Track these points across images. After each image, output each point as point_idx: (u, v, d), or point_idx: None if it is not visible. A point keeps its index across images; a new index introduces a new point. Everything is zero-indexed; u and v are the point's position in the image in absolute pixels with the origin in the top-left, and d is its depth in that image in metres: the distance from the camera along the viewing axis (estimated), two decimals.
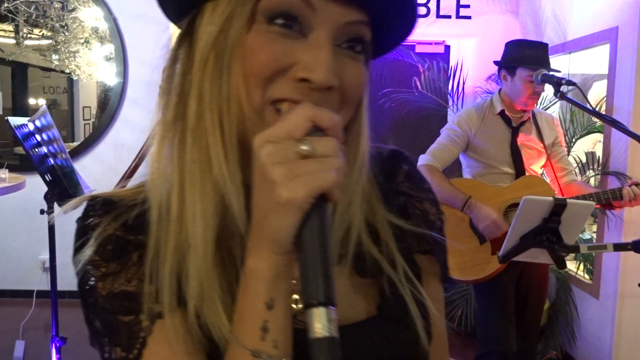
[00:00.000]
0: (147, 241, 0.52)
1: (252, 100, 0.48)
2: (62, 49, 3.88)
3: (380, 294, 0.57)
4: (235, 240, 0.52)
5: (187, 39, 0.53)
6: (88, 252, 0.53)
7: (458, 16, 3.84)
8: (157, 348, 0.50)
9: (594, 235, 3.17)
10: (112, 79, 3.93)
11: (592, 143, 3.48)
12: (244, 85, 0.48)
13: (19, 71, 4.04)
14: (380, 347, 0.54)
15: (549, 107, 3.35)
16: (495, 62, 2.43)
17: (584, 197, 2.17)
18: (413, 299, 0.56)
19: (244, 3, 0.48)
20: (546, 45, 2.36)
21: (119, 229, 0.54)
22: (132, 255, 0.53)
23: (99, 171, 3.90)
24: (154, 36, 3.83)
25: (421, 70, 3.69)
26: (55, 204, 2.43)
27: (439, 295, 0.65)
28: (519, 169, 2.35)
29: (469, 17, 3.84)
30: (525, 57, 2.27)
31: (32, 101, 4.08)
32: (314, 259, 0.42)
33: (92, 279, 0.53)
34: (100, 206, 0.56)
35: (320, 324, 0.39)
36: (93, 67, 3.92)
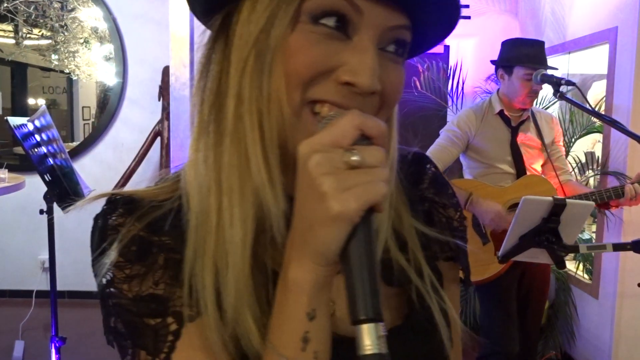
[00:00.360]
0: (173, 243, 0.51)
1: (292, 101, 0.47)
2: (62, 49, 3.88)
3: (407, 304, 0.56)
4: (266, 248, 0.51)
5: (221, 37, 0.51)
6: (111, 252, 0.51)
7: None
8: (187, 352, 0.49)
9: (594, 235, 3.17)
10: (111, 79, 3.92)
11: (591, 143, 3.48)
12: (285, 86, 0.47)
13: (19, 71, 4.03)
14: (406, 357, 0.53)
15: (548, 107, 3.35)
16: (492, 62, 2.43)
17: (585, 196, 2.17)
18: (438, 308, 0.55)
19: (288, 2, 0.46)
20: (542, 42, 2.36)
21: (143, 229, 0.52)
22: (158, 257, 0.51)
23: (99, 171, 3.90)
24: (153, 36, 3.84)
25: (420, 70, 3.69)
26: (55, 204, 2.42)
27: (456, 299, 0.65)
28: (520, 169, 2.35)
29: (469, 17, 3.84)
30: (521, 56, 2.27)
31: (31, 101, 4.08)
32: (361, 273, 0.41)
33: (116, 280, 0.51)
34: (122, 205, 0.53)
35: (370, 340, 0.39)
36: (92, 67, 3.92)
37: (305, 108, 0.47)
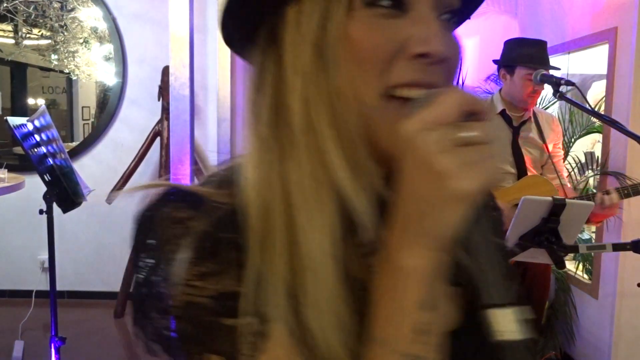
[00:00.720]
0: (244, 243, 0.47)
1: (371, 91, 0.45)
2: (61, 49, 3.88)
3: (464, 305, 0.54)
4: (349, 248, 0.48)
5: (270, 52, 0.49)
6: (178, 247, 0.47)
7: None
8: (275, 353, 0.45)
9: (593, 235, 3.17)
10: (111, 79, 3.92)
11: (591, 143, 3.48)
12: (359, 78, 0.45)
13: (18, 71, 4.03)
14: (473, 357, 0.52)
15: (548, 107, 3.35)
16: (495, 61, 2.43)
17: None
18: None
19: None
20: (545, 42, 2.36)
21: (212, 225, 0.47)
22: (230, 254, 0.47)
23: (98, 171, 3.90)
24: (153, 36, 3.84)
25: None
26: (55, 204, 2.42)
27: None
28: (521, 169, 2.35)
29: (468, 17, 3.83)
30: (523, 56, 2.27)
31: (31, 101, 4.07)
32: (489, 256, 0.39)
33: (188, 277, 0.46)
34: (187, 198, 0.50)
35: (510, 325, 0.37)
36: (92, 67, 3.92)
37: (386, 95, 0.46)
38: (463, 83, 3.66)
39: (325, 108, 0.46)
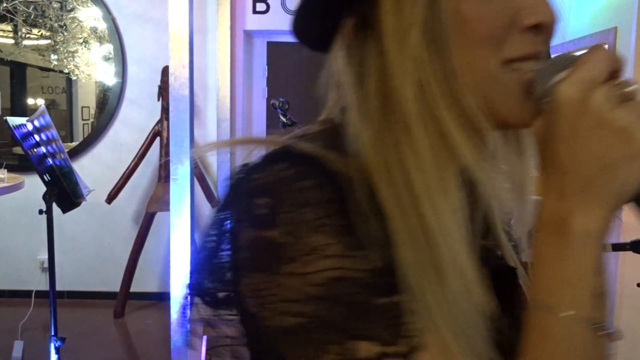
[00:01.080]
0: (376, 220, 0.43)
1: (487, 66, 0.45)
2: (61, 49, 3.88)
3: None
4: (476, 223, 0.47)
5: (367, 37, 0.48)
6: (319, 216, 0.41)
7: None
8: (436, 335, 0.41)
9: None
10: (110, 79, 3.92)
11: None
12: (474, 55, 0.44)
13: (18, 71, 4.03)
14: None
15: None
16: None
17: None
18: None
19: None
20: None
21: (346, 196, 0.43)
22: (368, 227, 0.42)
23: (98, 171, 3.90)
24: (152, 36, 3.84)
25: None
26: (55, 204, 2.42)
27: None
28: None
29: None
30: None
31: (30, 101, 4.07)
32: None
33: (337, 251, 0.41)
34: (313, 163, 0.44)
35: None
36: (92, 67, 3.92)
37: (502, 68, 0.45)
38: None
39: (441, 90, 0.44)
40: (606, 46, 2.78)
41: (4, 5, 3.78)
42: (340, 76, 0.50)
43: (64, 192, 2.43)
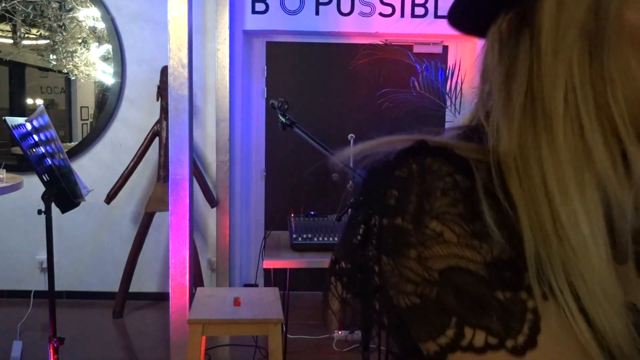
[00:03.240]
0: (507, 209, 0.44)
1: None
2: (60, 49, 3.88)
3: None
4: (621, 235, 0.46)
5: (522, 35, 0.47)
6: (447, 201, 0.43)
7: None
8: (551, 336, 0.41)
9: None
10: (109, 79, 3.92)
11: None
12: (635, 63, 0.43)
13: (17, 71, 4.03)
14: None
15: None
16: None
17: None
18: None
19: None
20: None
21: (477, 183, 0.44)
22: (496, 217, 0.43)
23: (97, 171, 3.90)
24: (151, 36, 3.84)
25: (419, 71, 3.69)
26: (54, 205, 2.42)
27: None
28: None
29: None
30: None
31: (29, 101, 4.07)
32: None
33: (459, 239, 0.42)
34: (445, 151, 0.46)
35: None
36: (91, 67, 3.92)
37: None
38: (462, 84, 3.66)
39: (590, 95, 0.44)
40: None
41: (3, 5, 3.78)
42: (490, 69, 0.50)
43: (63, 192, 2.43)
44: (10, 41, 3.90)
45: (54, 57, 3.90)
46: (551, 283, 0.42)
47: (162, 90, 3.56)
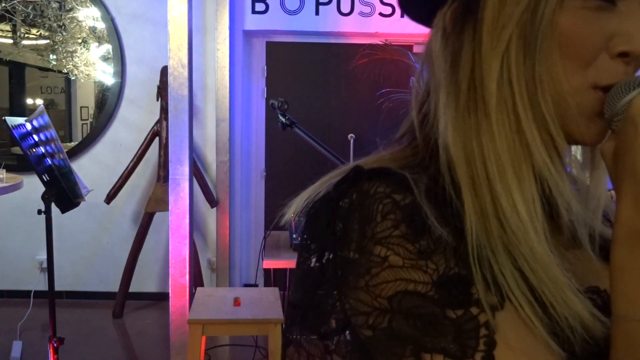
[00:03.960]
0: (445, 215, 0.44)
1: (570, 82, 0.45)
2: (60, 49, 3.88)
3: None
4: (567, 223, 0.48)
5: (466, 26, 0.49)
6: (387, 224, 0.42)
7: None
8: (508, 347, 0.40)
9: None
10: (109, 79, 3.92)
11: None
12: (560, 68, 0.45)
13: (16, 71, 4.03)
14: None
15: None
16: None
17: None
18: None
19: None
20: None
21: (418, 198, 0.44)
22: (441, 229, 0.43)
23: (97, 171, 3.89)
24: (151, 36, 3.83)
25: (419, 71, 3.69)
26: (53, 205, 2.42)
27: None
28: None
29: None
30: None
31: (29, 101, 4.07)
32: None
33: (405, 258, 0.41)
34: (382, 172, 0.46)
35: None
36: (90, 67, 3.92)
37: (583, 90, 0.46)
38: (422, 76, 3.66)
39: (523, 91, 0.46)
40: None
41: (3, 5, 3.78)
42: (435, 56, 0.51)
43: (62, 192, 2.43)
44: (10, 41, 3.90)
45: (54, 57, 3.90)
46: (496, 275, 0.42)
47: (162, 90, 3.56)
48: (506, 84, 0.46)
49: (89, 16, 3.86)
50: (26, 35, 3.90)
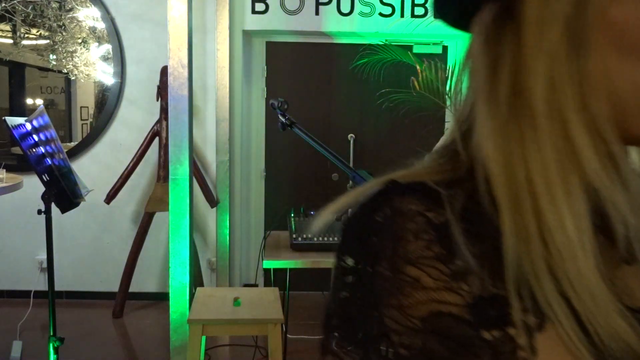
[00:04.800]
0: (482, 232, 0.42)
1: (627, 78, 0.42)
2: (60, 49, 3.88)
3: None
4: (621, 236, 0.44)
5: (507, 24, 0.46)
6: (420, 244, 0.41)
7: None
8: None
9: None
10: (109, 79, 3.92)
11: None
12: (615, 64, 0.42)
13: (16, 71, 4.03)
14: None
15: None
16: None
17: None
18: None
19: None
20: None
21: (453, 216, 0.42)
22: (477, 248, 0.41)
23: (97, 171, 3.89)
24: (151, 36, 3.84)
25: (419, 71, 3.69)
26: (53, 205, 2.42)
27: None
28: None
29: None
30: None
31: (29, 101, 4.07)
32: None
33: (432, 280, 0.40)
34: (416, 188, 0.44)
35: None
36: (90, 67, 3.92)
37: None
38: (462, 84, 3.66)
39: (573, 93, 0.42)
40: None
41: (3, 5, 3.78)
42: (474, 62, 0.48)
43: (62, 192, 2.43)
44: (10, 41, 3.90)
45: (54, 57, 3.90)
46: (536, 296, 0.40)
47: (162, 90, 3.56)
48: (554, 87, 0.42)
49: (89, 16, 3.86)
50: (26, 35, 3.90)
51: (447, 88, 3.69)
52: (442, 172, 0.47)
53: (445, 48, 4.05)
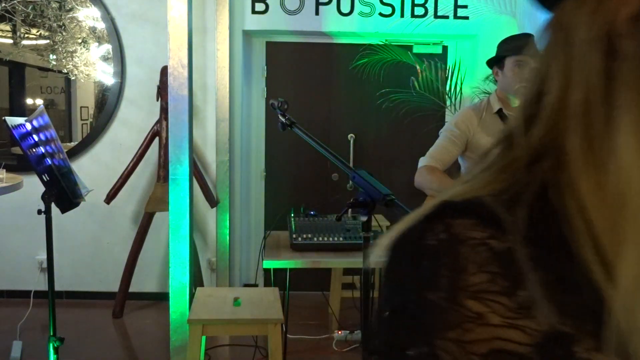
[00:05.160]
0: (554, 258, 0.39)
1: None
2: (60, 49, 3.87)
3: None
4: None
5: (557, 33, 0.42)
6: (483, 278, 0.37)
7: (456, 16, 3.85)
8: None
9: None
10: (109, 79, 3.92)
11: None
12: None
13: (16, 71, 4.03)
14: None
15: None
16: (487, 63, 2.45)
17: None
18: None
19: None
20: (532, 35, 2.37)
21: (519, 242, 0.38)
22: (544, 277, 0.37)
23: (97, 171, 3.89)
24: (151, 36, 3.83)
25: (419, 71, 3.69)
26: (53, 205, 2.42)
27: None
28: None
29: (467, 18, 3.85)
30: (511, 48, 2.30)
31: (29, 101, 4.07)
32: None
33: (497, 317, 0.36)
34: (476, 211, 0.40)
35: None
36: (90, 67, 3.92)
37: None
38: (462, 84, 3.66)
39: None
40: None
41: (3, 5, 3.78)
42: (551, 53, 0.43)
43: (62, 192, 2.43)
44: (10, 41, 3.90)
45: (54, 57, 3.90)
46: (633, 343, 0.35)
47: (162, 90, 3.56)
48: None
49: (89, 16, 3.86)
50: (26, 35, 3.90)
51: (447, 88, 3.69)
52: (499, 182, 0.42)
53: (445, 48, 4.04)
